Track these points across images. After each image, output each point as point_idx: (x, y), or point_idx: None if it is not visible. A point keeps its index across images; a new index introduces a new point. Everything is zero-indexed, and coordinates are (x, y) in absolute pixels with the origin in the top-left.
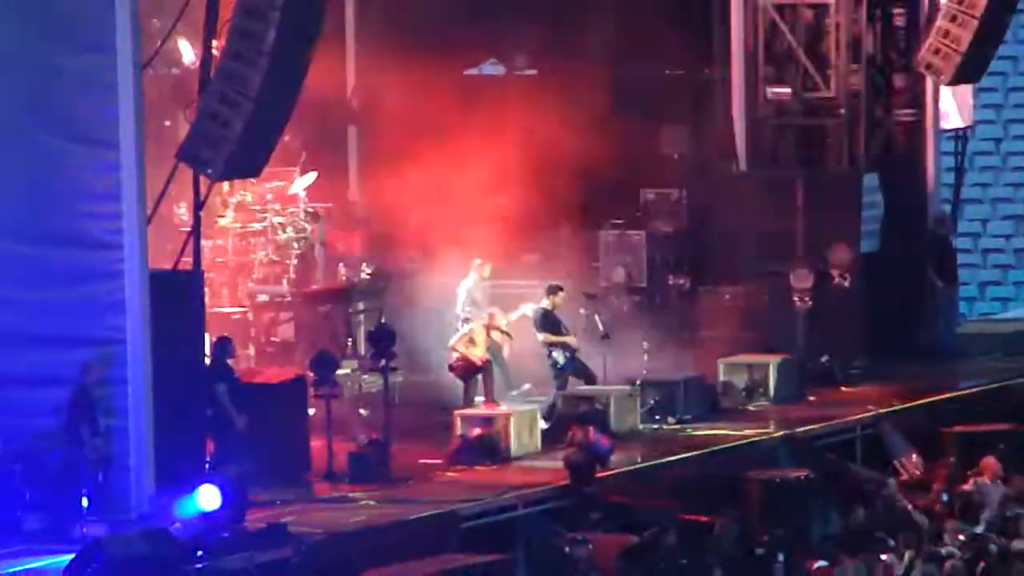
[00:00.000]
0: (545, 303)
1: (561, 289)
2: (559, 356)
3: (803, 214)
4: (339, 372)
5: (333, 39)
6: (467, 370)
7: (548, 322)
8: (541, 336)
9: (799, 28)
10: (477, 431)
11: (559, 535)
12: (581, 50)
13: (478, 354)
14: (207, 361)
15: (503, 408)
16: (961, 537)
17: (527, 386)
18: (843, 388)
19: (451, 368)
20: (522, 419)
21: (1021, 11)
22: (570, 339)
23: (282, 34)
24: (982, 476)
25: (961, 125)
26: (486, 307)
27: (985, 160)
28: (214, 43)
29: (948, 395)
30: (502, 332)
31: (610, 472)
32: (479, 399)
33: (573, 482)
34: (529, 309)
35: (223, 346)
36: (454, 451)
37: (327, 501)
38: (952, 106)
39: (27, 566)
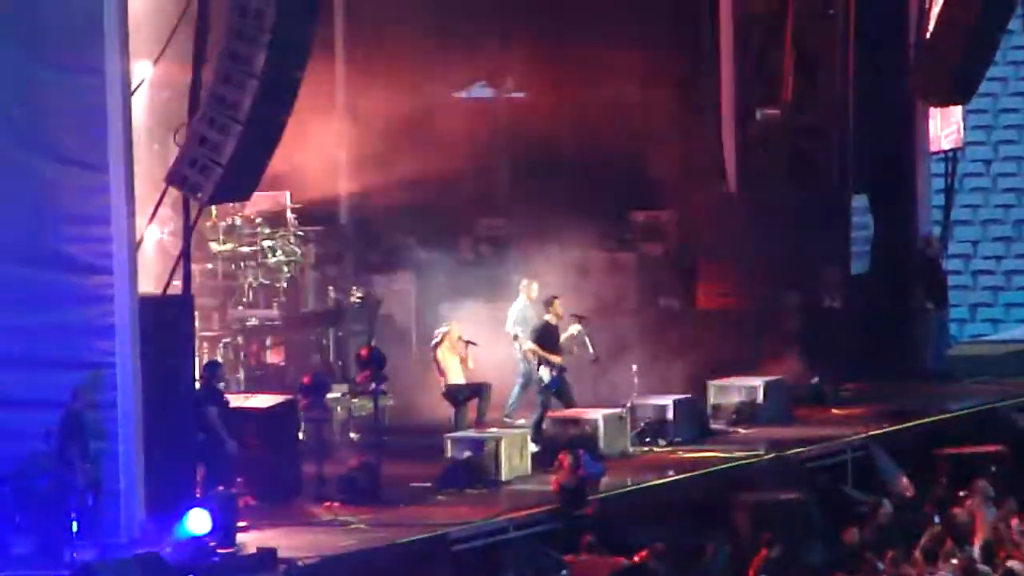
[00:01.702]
0: (548, 316)
1: (556, 298)
2: (545, 374)
3: (793, 236)
4: (329, 396)
5: (322, 61)
6: (462, 395)
7: (544, 336)
8: (530, 345)
9: (789, 50)
10: (467, 454)
11: (549, 558)
12: (570, 72)
13: (456, 363)
14: (197, 385)
15: (493, 431)
16: (954, 560)
17: (520, 421)
18: (833, 410)
19: (444, 395)
20: (512, 442)
21: (1011, 32)
22: (557, 359)
23: (272, 57)
24: (974, 498)
25: (951, 146)
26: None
27: (975, 181)
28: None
29: (939, 417)
30: (466, 342)
31: (600, 495)
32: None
33: (563, 505)
34: (575, 329)
35: (213, 370)
36: (444, 474)
37: (318, 525)
38: (942, 127)
39: None
